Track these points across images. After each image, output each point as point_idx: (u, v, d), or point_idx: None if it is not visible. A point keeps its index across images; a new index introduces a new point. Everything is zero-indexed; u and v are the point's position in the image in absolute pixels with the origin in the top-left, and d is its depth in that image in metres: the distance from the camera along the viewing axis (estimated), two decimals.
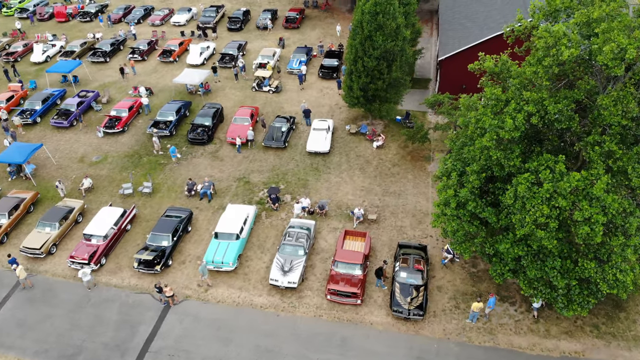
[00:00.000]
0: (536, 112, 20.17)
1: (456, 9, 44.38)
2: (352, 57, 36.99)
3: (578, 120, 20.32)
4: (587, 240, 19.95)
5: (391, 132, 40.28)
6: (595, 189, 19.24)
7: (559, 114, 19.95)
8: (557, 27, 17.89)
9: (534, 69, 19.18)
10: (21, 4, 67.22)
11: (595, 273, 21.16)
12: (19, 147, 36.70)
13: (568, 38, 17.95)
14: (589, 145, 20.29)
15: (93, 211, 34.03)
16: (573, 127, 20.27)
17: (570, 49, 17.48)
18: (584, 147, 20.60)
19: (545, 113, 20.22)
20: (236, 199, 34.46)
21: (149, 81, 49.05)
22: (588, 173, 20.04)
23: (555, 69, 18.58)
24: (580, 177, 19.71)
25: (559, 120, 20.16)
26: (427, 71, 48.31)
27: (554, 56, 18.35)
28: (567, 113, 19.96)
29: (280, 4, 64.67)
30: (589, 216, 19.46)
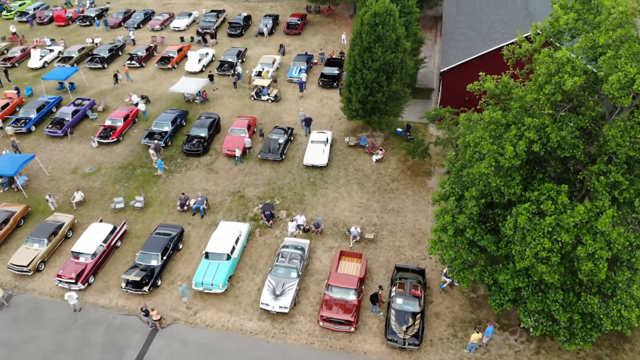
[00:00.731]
0: (538, 140, 19.07)
1: (459, 18, 43.19)
2: (351, 68, 35.96)
3: (582, 148, 19.21)
4: (590, 276, 18.86)
5: (391, 145, 39.21)
6: (599, 223, 18.14)
7: (562, 141, 18.85)
8: (560, 53, 16.76)
9: (535, 96, 18.08)
10: (21, 7, 66.64)
11: (598, 308, 20.08)
12: (10, 158, 35.96)
13: (572, 65, 16.82)
14: (593, 174, 19.17)
15: (84, 226, 33.22)
16: (577, 155, 19.16)
17: (574, 78, 16.36)
18: (589, 177, 19.49)
19: (547, 140, 19.12)
20: (230, 214, 33.54)
21: (146, 89, 48.23)
22: (592, 204, 18.94)
23: (558, 96, 17.47)
24: (584, 210, 18.62)
25: (562, 147, 19.05)
26: (429, 80, 47.17)
27: (556, 84, 17.24)
28: (570, 141, 18.85)
29: (283, 9, 63.68)
30: (593, 251, 18.37)
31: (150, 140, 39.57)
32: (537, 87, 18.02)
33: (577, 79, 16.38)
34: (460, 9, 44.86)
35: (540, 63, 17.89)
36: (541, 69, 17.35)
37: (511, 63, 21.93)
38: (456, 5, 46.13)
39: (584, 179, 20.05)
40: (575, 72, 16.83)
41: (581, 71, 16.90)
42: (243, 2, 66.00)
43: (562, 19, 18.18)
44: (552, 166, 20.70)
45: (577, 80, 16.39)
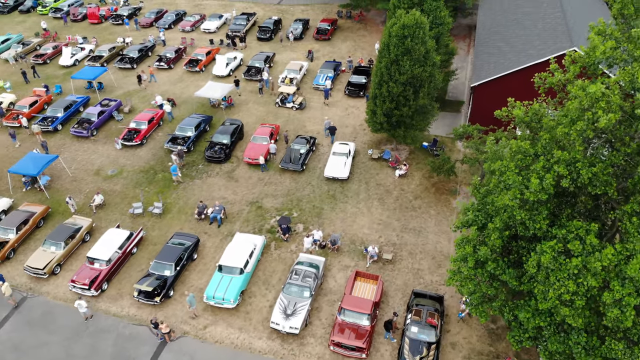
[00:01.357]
0: (567, 175, 17.78)
1: (493, 29, 41.63)
2: (377, 80, 34.94)
3: (615, 185, 17.83)
4: (616, 323, 17.50)
5: (416, 160, 38.04)
6: (629, 268, 16.78)
7: (594, 178, 17.53)
8: (594, 88, 15.45)
9: (566, 130, 16.81)
10: (56, 3, 67.67)
11: (623, 355, 18.66)
12: (34, 158, 36.28)
13: (607, 100, 15.51)
14: (626, 215, 17.79)
15: (101, 230, 33.22)
16: (609, 192, 17.80)
17: (609, 115, 15.07)
18: (620, 216, 18.10)
19: (577, 176, 17.81)
20: (246, 225, 33.00)
21: (173, 91, 48.18)
22: (622, 247, 17.56)
23: (590, 133, 16.18)
24: (613, 252, 17.28)
25: (594, 184, 17.73)
26: (460, 92, 45.73)
27: (589, 120, 15.96)
28: (603, 177, 17.51)
29: (314, 12, 62.94)
30: (620, 297, 17.03)
31: (173, 145, 39.40)
32: (568, 121, 16.75)
33: (612, 116, 15.09)
34: (496, 20, 43.28)
35: (573, 97, 16.59)
36: (573, 104, 16.07)
37: (542, 91, 20.59)
38: (491, 15, 44.55)
39: (615, 218, 18.65)
40: (610, 107, 15.52)
41: (617, 107, 15.58)
42: (275, 4, 65.54)
43: (599, 49, 16.84)
44: (582, 201, 19.35)
45: (612, 118, 15.09)
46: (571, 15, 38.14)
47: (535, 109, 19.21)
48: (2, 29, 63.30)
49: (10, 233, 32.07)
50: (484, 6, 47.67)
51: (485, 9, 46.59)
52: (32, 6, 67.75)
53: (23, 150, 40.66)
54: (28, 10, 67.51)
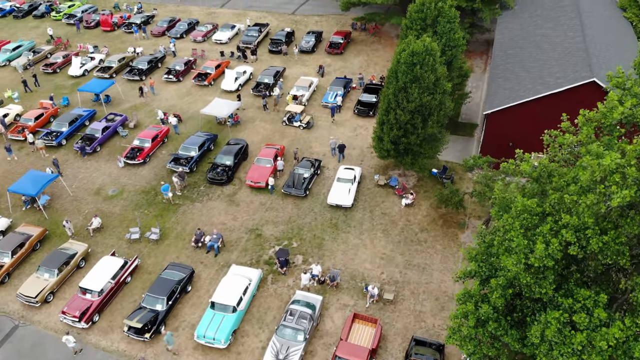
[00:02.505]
0: (576, 242, 16.27)
1: (510, 52, 39.82)
2: (385, 107, 33.55)
3: (628, 254, 16.26)
4: None
5: (424, 187, 36.55)
6: (638, 349, 15.27)
7: (605, 247, 16.00)
8: (609, 160, 13.89)
9: (574, 198, 15.30)
10: (70, 9, 67.45)
11: None
12: (33, 177, 35.71)
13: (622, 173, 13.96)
14: (638, 286, 16.22)
15: (97, 255, 32.51)
16: (621, 262, 16.25)
17: (624, 191, 13.55)
18: (632, 287, 16.54)
19: (587, 243, 16.29)
20: (244, 255, 31.94)
21: (181, 105, 47.38)
22: (632, 321, 16.03)
23: (602, 207, 14.63)
24: (622, 328, 15.78)
25: (605, 254, 16.19)
26: (474, 114, 43.99)
27: (601, 194, 14.44)
28: (614, 247, 15.97)
29: (328, 24, 61.59)
30: None
31: (176, 165, 38.55)
32: (578, 189, 15.23)
33: (627, 193, 13.56)
34: (513, 40, 41.44)
35: (583, 168, 15.06)
36: (584, 175, 14.55)
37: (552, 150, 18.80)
38: (509, 35, 42.72)
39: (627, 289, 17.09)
40: (626, 182, 13.97)
41: (633, 181, 14.03)
42: (289, 14, 64.37)
43: (617, 111, 15.26)
44: (592, 266, 17.79)
45: (626, 195, 13.56)
46: (592, 39, 36.21)
47: (545, 165, 17.66)
48: (15, 34, 63.29)
49: (6, 257, 31.52)
50: (502, 24, 45.83)
51: (503, 27, 44.76)
52: (46, 12, 67.66)
53: (24, 164, 40.17)
54: (42, 15, 67.43)
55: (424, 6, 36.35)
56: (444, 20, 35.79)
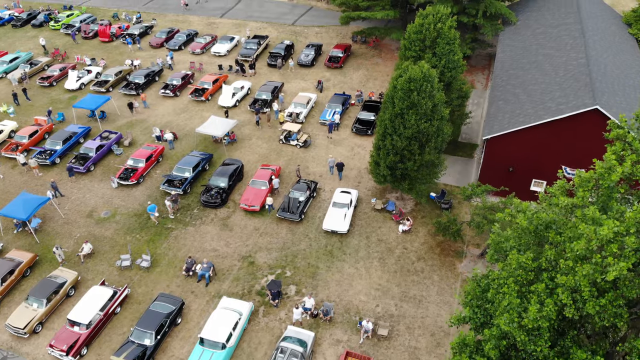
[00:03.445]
0: (572, 304, 15.48)
1: (511, 72, 38.92)
2: (381, 132, 32.78)
3: (627, 317, 15.45)
4: None
5: (422, 212, 35.76)
6: None
7: (602, 309, 15.20)
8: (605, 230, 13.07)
9: (570, 264, 14.49)
10: (68, 18, 66.85)
11: None
12: (25, 200, 35.11)
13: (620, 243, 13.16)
14: (635, 351, 15.42)
15: (88, 282, 31.95)
16: (619, 325, 15.44)
17: (620, 263, 12.75)
18: (629, 349, 15.74)
19: (583, 305, 15.49)
20: (236, 285, 31.26)
21: (177, 122, 46.73)
22: None
23: (598, 277, 13.83)
24: None
25: (601, 316, 15.39)
26: (474, 133, 43.12)
27: (597, 263, 13.64)
28: (612, 310, 15.17)
29: (328, 35, 60.76)
30: None
31: (170, 187, 37.91)
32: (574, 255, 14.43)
33: (624, 265, 12.77)
34: (515, 59, 40.54)
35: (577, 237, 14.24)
36: (579, 245, 13.75)
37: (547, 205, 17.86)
38: (511, 54, 41.82)
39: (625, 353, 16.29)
40: (624, 252, 13.17)
41: (631, 252, 13.21)
42: (289, 25, 63.58)
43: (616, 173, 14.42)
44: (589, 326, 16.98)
45: (623, 267, 12.77)
46: (596, 61, 35.29)
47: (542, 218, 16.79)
48: (13, 44, 62.78)
49: None
50: (503, 40, 44.91)
51: (505, 45, 43.84)
52: (45, 21, 67.09)
53: (17, 183, 39.64)
54: (41, 24, 66.78)
55: (422, 27, 35.54)
56: (443, 42, 34.98)
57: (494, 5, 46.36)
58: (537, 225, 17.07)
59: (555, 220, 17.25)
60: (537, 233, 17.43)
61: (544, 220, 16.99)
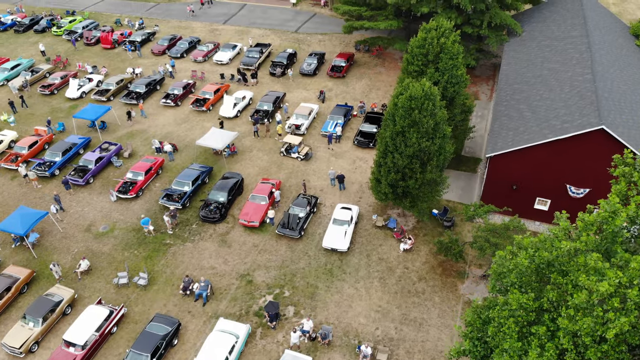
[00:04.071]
0: (573, 349, 14.92)
1: (516, 86, 38.27)
2: (382, 149, 32.25)
3: None
4: None
5: (424, 230, 35.21)
6: None
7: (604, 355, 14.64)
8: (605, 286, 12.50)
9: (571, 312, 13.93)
10: (71, 24, 66.59)
11: None
12: (23, 214, 34.81)
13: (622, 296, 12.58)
14: None
15: (84, 300, 31.63)
16: None
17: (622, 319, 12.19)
18: None
19: (585, 350, 14.94)
20: (233, 305, 30.82)
21: (178, 132, 46.35)
22: None
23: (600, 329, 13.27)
24: None
25: None
26: (478, 147, 42.49)
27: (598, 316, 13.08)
28: (614, 356, 14.61)
29: (331, 43, 60.19)
30: None
31: (168, 202, 37.53)
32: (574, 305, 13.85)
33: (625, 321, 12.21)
34: (520, 73, 39.88)
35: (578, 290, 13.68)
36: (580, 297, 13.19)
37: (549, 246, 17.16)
38: (515, 67, 41.15)
39: None
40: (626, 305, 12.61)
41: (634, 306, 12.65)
42: (292, 32, 63.07)
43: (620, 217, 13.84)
44: None
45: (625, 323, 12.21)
46: (602, 77, 34.61)
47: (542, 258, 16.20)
48: (15, 50, 62.61)
49: None
50: (508, 52, 44.23)
51: (510, 57, 43.15)
52: (47, 26, 66.87)
53: (16, 195, 39.39)
54: (43, 30, 66.60)
55: (425, 42, 34.89)
56: (447, 57, 34.31)
57: (499, 16, 45.69)
58: (538, 264, 16.50)
59: (558, 257, 16.67)
60: (539, 271, 16.86)
61: (546, 258, 16.42)
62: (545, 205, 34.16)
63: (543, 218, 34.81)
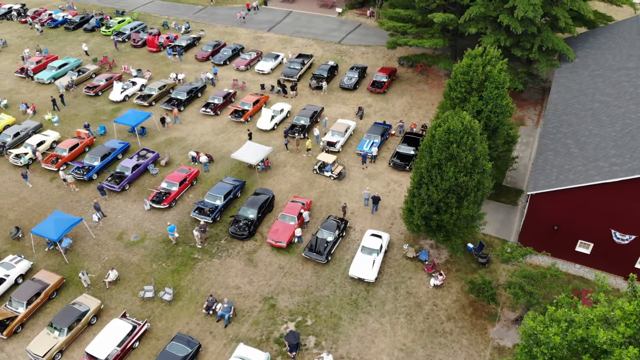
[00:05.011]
0: None
1: (564, 118, 36.39)
2: (416, 180, 31.16)
3: None
4: None
5: (457, 265, 33.91)
6: None
7: None
8: None
9: None
10: (119, 25, 67.91)
11: None
12: (57, 220, 35.48)
13: None
14: None
15: (110, 311, 31.95)
16: None
17: None
18: None
19: None
20: (255, 329, 30.44)
21: (215, 143, 46.43)
22: None
23: None
24: None
25: None
26: (521, 177, 40.65)
27: None
28: None
29: (374, 56, 59.18)
30: None
31: (200, 215, 37.53)
32: None
33: None
34: (569, 104, 37.93)
35: None
36: None
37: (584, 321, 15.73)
38: (565, 96, 39.19)
39: None
40: None
41: None
42: (335, 43, 62.37)
43: None
44: None
45: None
46: None
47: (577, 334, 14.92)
48: (64, 48, 64.39)
49: (20, 307, 31.40)
50: (558, 79, 42.19)
51: (560, 85, 41.14)
52: (96, 26, 68.44)
53: (53, 197, 40.27)
54: (92, 29, 68.24)
55: (470, 68, 33.50)
56: (492, 86, 32.78)
57: (551, 40, 43.64)
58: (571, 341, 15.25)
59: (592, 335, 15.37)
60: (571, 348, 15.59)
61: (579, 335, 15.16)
62: (587, 249, 32.32)
63: (584, 261, 32.98)
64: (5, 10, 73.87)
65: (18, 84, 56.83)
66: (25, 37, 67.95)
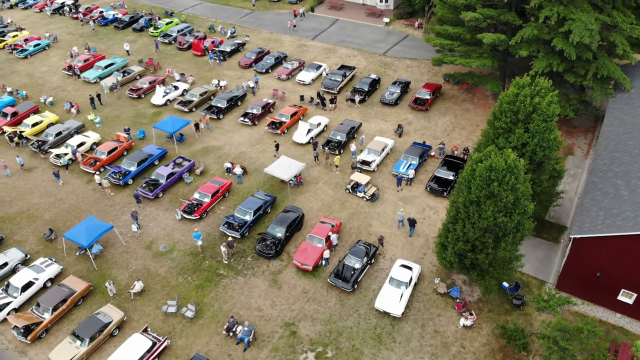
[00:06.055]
0: None
1: (615, 155, 34.01)
2: (452, 214, 29.70)
3: None
4: None
5: (489, 305, 32.24)
6: None
7: None
8: None
9: None
10: (167, 26, 68.62)
11: None
12: (89, 226, 35.84)
13: None
14: None
15: (132, 324, 32.00)
16: None
17: None
18: None
19: None
20: (273, 356, 29.76)
21: (250, 154, 46.07)
22: None
23: None
24: None
25: None
26: (565, 212, 38.37)
27: None
28: None
29: (419, 70, 57.50)
30: None
31: (229, 230, 37.20)
32: None
33: None
34: (622, 139, 35.50)
35: None
36: None
37: None
38: (618, 131, 36.72)
39: None
40: None
41: None
42: (379, 55, 61.01)
43: None
44: None
45: None
46: None
47: None
48: (112, 47, 65.58)
49: (46, 313, 31.84)
50: (612, 110, 39.63)
51: (613, 117, 38.62)
52: (145, 26, 69.41)
53: (88, 200, 40.80)
54: (141, 29, 69.26)
55: (517, 98, 31.68)
56: (540, 118, 30.88)
57: (607, 67, 41.02)
58: None
59: None
60: None
61: None
62: (630, 299, 30.09)
63: (626, 311, 30.77)
64: (59, 5, 75.96)
65: (65, 82, 58.24)
66: (75, 33, 69.65)
